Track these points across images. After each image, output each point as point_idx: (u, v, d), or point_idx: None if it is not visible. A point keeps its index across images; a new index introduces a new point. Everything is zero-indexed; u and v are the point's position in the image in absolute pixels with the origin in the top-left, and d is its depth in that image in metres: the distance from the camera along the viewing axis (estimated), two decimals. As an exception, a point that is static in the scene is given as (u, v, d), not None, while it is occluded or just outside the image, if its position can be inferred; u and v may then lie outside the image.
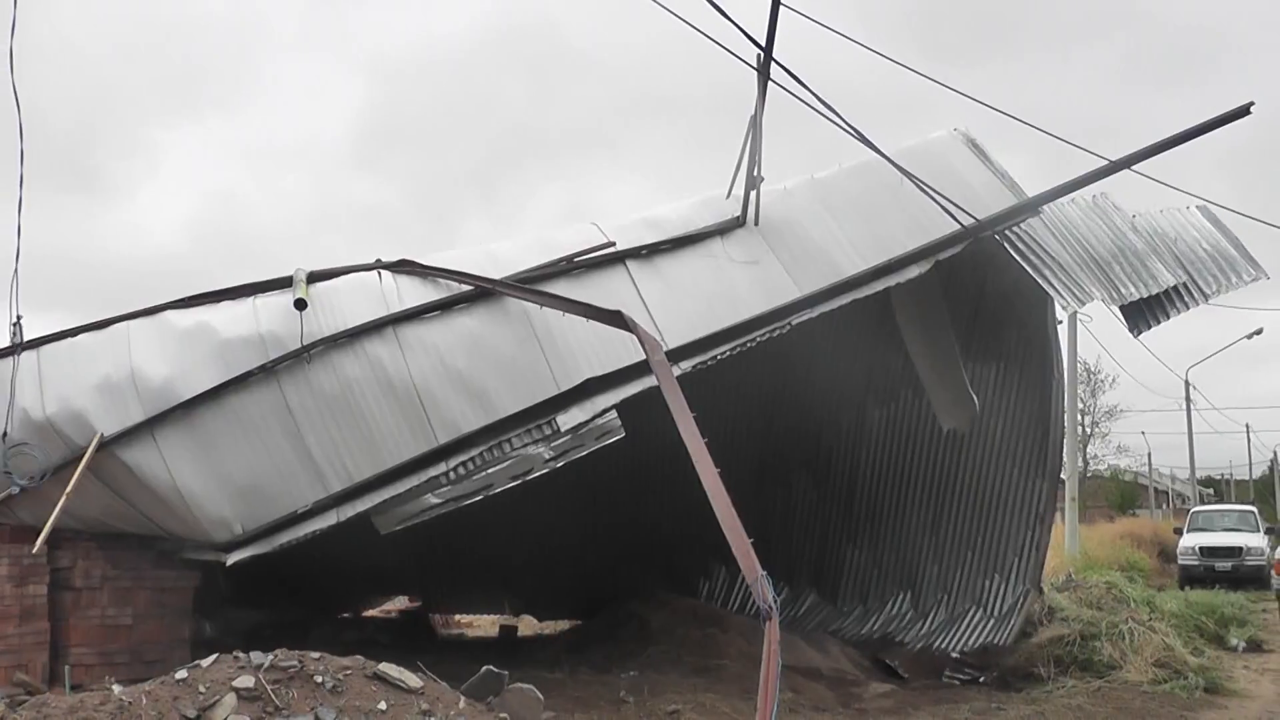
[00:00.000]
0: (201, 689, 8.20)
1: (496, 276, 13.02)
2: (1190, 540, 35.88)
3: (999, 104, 26.62)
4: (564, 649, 17.21)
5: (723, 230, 14.10)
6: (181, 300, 12.88)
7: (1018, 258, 14.47)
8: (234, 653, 8.74)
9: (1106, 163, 14.47)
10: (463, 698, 9.17)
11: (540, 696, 10.17)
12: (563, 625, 21.92)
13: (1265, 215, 17.66)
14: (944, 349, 16.40)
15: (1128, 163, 14.39)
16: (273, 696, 8.21)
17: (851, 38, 12.10)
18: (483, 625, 24.32)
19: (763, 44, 12.05)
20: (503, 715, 9.38)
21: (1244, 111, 13.98)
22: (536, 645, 19.30)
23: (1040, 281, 14.32)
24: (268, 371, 12.17)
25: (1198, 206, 16.39)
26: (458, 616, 24.56)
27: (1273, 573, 25.42)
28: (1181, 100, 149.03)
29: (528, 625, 22.98)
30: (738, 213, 14.19)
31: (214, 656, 8.69)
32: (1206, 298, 15.13)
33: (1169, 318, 14.88)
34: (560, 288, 13.08)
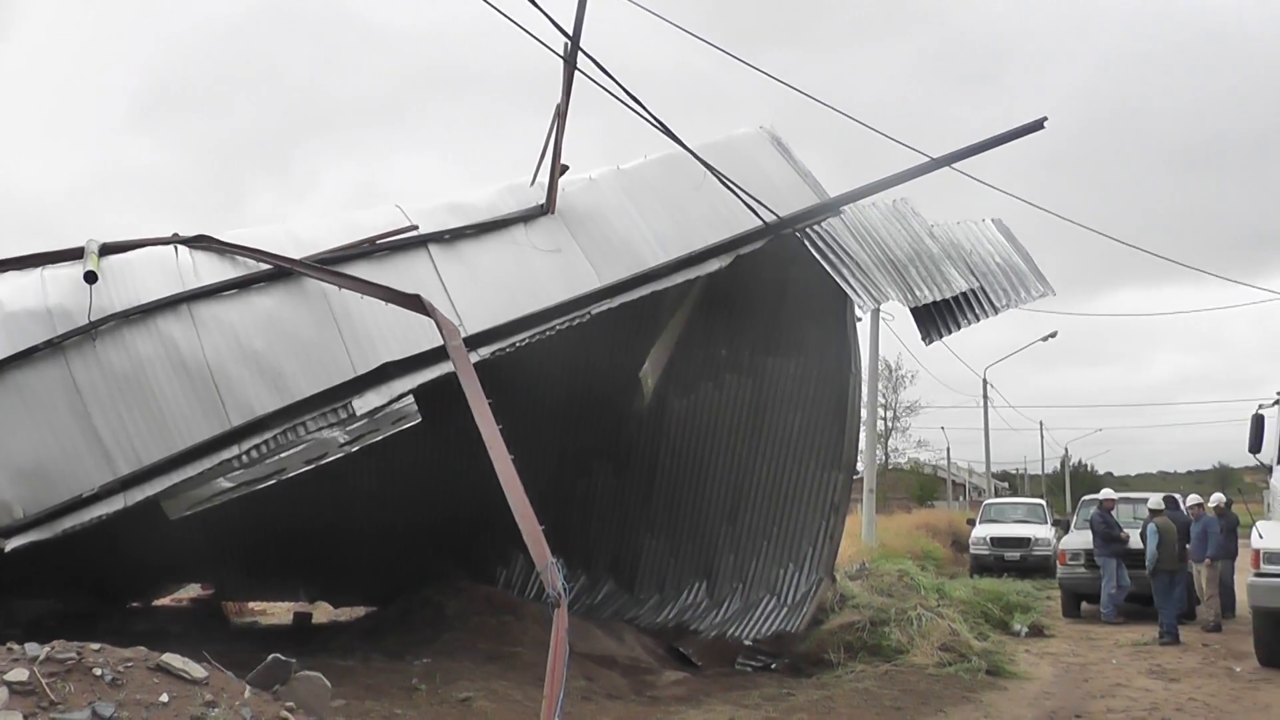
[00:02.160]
0: (-29, 681, 7.90)
1: (296, 256, 12.85)
2: (982, 531, 37.04)
3: (792, 98, 27.22)
4: (358, 636, 17.02)
5: (526, 218, 14.13)
6: (-37, 270, 12.43)
7: (818, 256, 14.75)
8: (8, 644, 8.44)
9: (906, 169, 14.92)
10: (248, 687, 8.98)
11: (328, 684, 10.00)
12: (359, 612, 21.69)
13: (1054, 221, 18.33)
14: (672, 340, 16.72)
15: (927, 169, 14.85)
16: (48, 690, 7.92)
17: (680, 26, 12.15)
18: (278, 613, 23.95)
19: (570, 33, 12.06)
20: (289, 704, 9.21)
21: (1038, 125, 14.63)
22: (330, 632, 19.08)
23: (838, 280, 14.64)
24: (55, 347, 11.78)
25: (992, 220, 16.92)
26: (252, 604, 24.13)
27: (1058, 563, 26.36)
28: (976, 103, 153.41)
29: (324, 612, 22.70)
30: (542, 200, 14.20)
31: (-15, 648, 8.38)
32: (997, 310, 15.64)
33: (960, 328, 15.40)
34: (361, 270, 12.96)
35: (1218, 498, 23.82)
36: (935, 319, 15.33)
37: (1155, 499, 22.84)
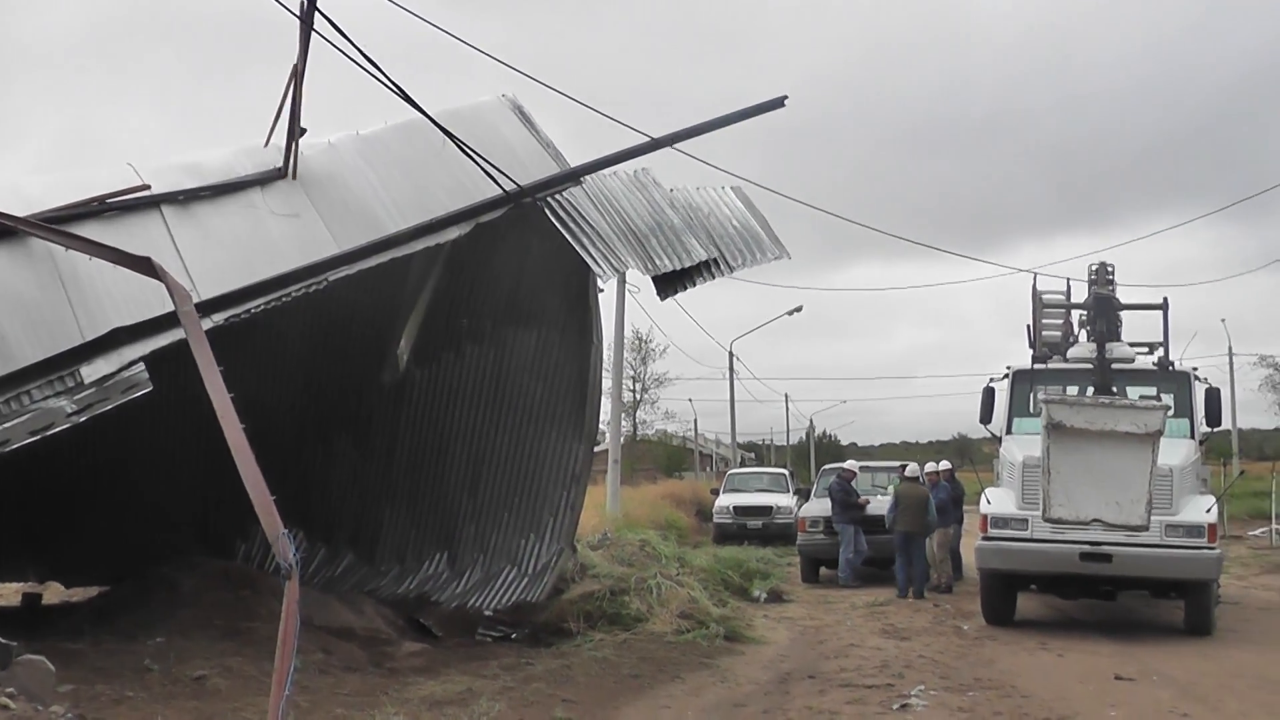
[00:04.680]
0: None
1: (21, 214, 12.36)
2: (725, 500, 37.95)
3: (527, 59, 27.51)
4: (89, 616, 16.41)
5: (263, 181, 13.95)
6: None
7: (558, 225, 14.86)
8: None
9: (648, 140, 15.18)
10: (-35, 675, 8.67)
11: (52, 668, 9.72)
12: (92, 592, 20.99)
13: (788, 191, 18.88)
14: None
15: (668, 141, 15.21)
16: None
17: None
18: (5, 594, 23.03)
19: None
20: (9, 690, 8.93)
21: (779, 103, 15.14)
22: (60, 614, 18.39)
23: (579, 249, 14.78)
24: None
25: (732, 187, 17.32)
26: (-24, 585, 23.15)
27: (798, 530, 27.17)
28: (714, 73, 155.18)
29: (55, 593, 21.88)
30: (279, 163, 13.98)
31: None
32: (733, 270, 16.15)
33: (695, 285, 15.92)
34: (90, 230, 12.55)
35: (944, 464, 24.90)
36: (672, 278, 15.69)
37: (913, 466, 23.88)
